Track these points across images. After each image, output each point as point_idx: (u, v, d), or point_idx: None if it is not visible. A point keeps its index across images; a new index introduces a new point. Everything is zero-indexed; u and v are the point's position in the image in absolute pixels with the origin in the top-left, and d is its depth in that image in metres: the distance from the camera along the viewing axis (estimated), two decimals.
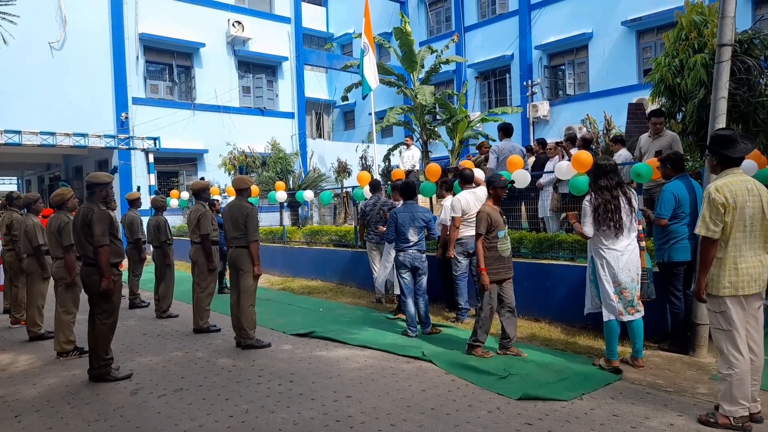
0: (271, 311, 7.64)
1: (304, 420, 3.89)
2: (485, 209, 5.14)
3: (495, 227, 5.04)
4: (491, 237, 5.05)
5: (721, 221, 3.49)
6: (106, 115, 16.64)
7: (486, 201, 5.28)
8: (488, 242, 5.06)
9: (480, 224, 5.05)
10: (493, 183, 5.21)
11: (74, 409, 4.27)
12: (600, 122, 11.73)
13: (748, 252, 3.49)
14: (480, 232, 5.05)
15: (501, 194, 5.22)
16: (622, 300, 4.62)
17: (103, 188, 5.02)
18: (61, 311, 5.85)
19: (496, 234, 5.05)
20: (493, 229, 5.03)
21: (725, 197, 3.48)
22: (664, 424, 3.63)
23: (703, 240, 3.58)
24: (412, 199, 6.27)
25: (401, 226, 6.05)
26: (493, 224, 5.03)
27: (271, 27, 20.53)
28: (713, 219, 3.49)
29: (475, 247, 5.11)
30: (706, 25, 7.64)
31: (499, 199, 5.23)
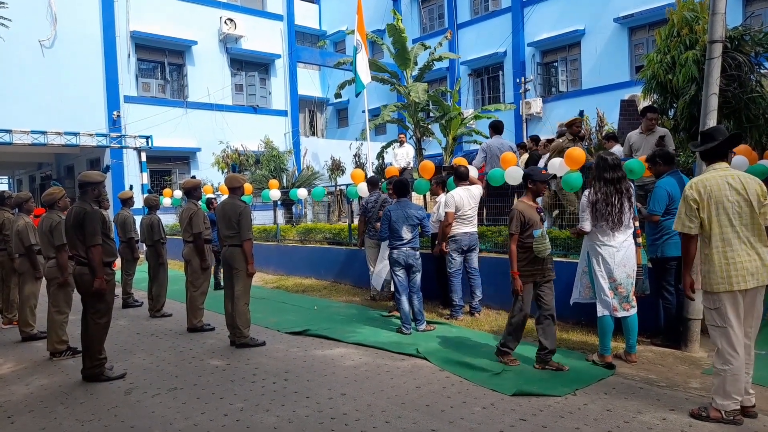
0: (266, 310, 7.63)
1: (299, 418, 3.89)
2: (518, 206, 4.73)
3: (530, 225, 4.63)
4: (525, 236, 4.64)
5: (695, 217, 3.55)
6: (97, 113, 16.53)
7: (523, 198, 4.84)
8: (522, 242, 4.66)
9: (512, 223, 4.63)
10: (533, 177, 4.75)
11: (68, 409, 4.25)
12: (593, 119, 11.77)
13: (740, 246, 3.49)
14: (512, 231, 4.63)
15: (541, 189, 4.83)
16: (618, 296, 4.64)
17: (96, 187, 4.99)
18: (54, 311, 5.81)
19: (531, 233, 4.63)
20: (528, 227, 4.62)
21: (698, 193, 3.54)
22: (656, 418, 3.65)
23: (682, 236, 3.67)
24: (406, 197, 6.27)
25: (395, 223, 6.06)
26: (527, 222, 4.62)
27: (264, 24, 20.45)
28: (688, 215, 3.57)
29: (509, 248, 4.67)
30: (697, 22, 7.68)
31: (537, 194, 4.85)
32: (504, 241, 7.20)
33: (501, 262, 6.95)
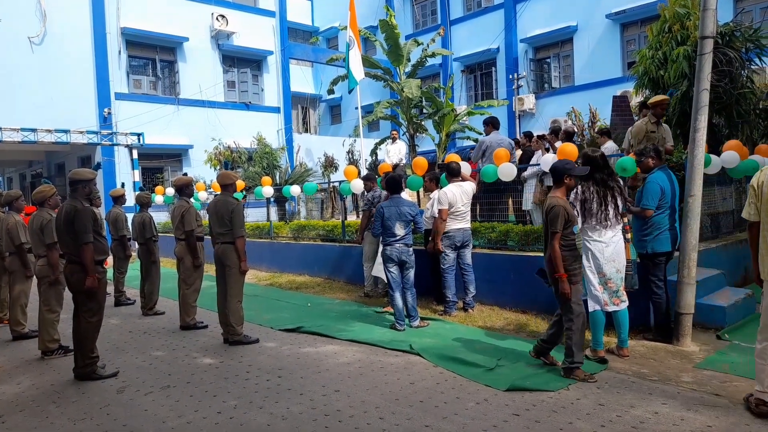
0: (259, 307, 7.61)
1: (293, 415, 3.89)
2: (560, 202, 4.34)
3: (571, 222, 4.37)
4: (568, 233, 4.34)
5: (753, 204, 3.65)
6: (88, 110, 16.38)
7: (555, 192, 4.49)
8: (566, 239, 4.33)
9: (557, 221, 4.26)
10: (570, 171, 4.43)
11: (59, 409, 4.22)
12: (585, 115, 11.80)
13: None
14: (557, 229, 4.26)
15: (573, 184, 4.52)
16: (607, 290, 4.67)
17: (86, 185, 4.95)
18: (45, 310, 5.78)
19: (572, 230, 4.39)
20: (569, 224, 4.34)
21: (756, 181, 3.64)
22: (649, 412, 3.67)
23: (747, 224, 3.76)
24: (398, 193, 6.26)
25: (387, 220, 6.05)
26: (570, 218, 4.34)
27: (256, 21, 20.33)
28: (749, 201, 3.67)
29: (552, 248, 4.30)
30: (688, 18, 7.72)
31: (571, 189, 4.54)
32: (498, 237, 7.21)
33: (494, 258, 6.97)
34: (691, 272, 5.09)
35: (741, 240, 7.57)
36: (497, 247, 7.19)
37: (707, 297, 5.69)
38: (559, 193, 4.43)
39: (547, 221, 4.33)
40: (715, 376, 4.29)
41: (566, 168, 4.46)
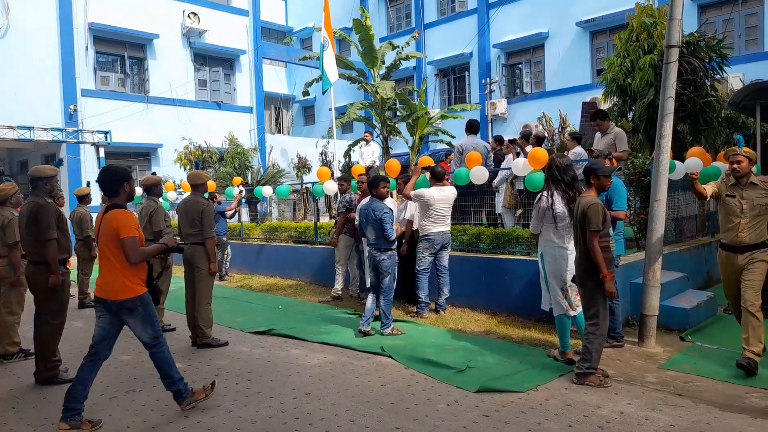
0: (229, 309, 7.50)
1: (262, 418, 3.84)
2: (597, 200, 4.27)
3: (607, 223, 4.27)
4: (603, 234, 4.24)
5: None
6: (53, 107, 15.91)
7: (588, 192, 4.41)
8: (601, 241, 4.22)
9: (597, 218, 4.15)
10: (597, 172, 4.37)
11: (18, 414, 4.08)
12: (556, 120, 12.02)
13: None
14: (597, 228, 4.15)
15: (606, 184, 4.43)
16: (568, 298, 4.74)
17: (48, 182, 4.81)
18: (5, 312, 5.57)
19: (607, 231, 4.30)
20: (605, 225, 4.25)
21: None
22: (614, 412, 3.75)
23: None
24: (373, 195, 6.02)
25: (361, 223, 5.95)
26: (606, 219, 4.25)
27: (229, 19, 20.08)
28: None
29: (592, 247, 4.16)
30: (655, 27, 7.93)
31: (602, 189, 4.46)
32: (469, 240, 7.27)
33: (466, 261, 7.02)
34: (656, 275, 5.21)
35: (704, 244, 7.81)
36: (469, 250, 7.25)
37: (671, 299, 5.84)
38: (591, 193, 4.38)
39: (584, 221, 4.21)
40: (678, 377, 4.41)
41: (592, 168, 4.44)
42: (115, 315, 3.87)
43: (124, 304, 3.82)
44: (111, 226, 3.78)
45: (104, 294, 3.85)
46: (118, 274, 3.80)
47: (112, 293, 3.82)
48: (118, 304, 3.83)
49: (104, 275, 3.86)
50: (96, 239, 4.01)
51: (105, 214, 3.87)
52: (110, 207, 3.90)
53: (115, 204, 3.91)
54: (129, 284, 3.81)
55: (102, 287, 3.86)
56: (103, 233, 3.84)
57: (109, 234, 3.79)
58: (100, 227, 3.89)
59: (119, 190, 3.93)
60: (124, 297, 3.80)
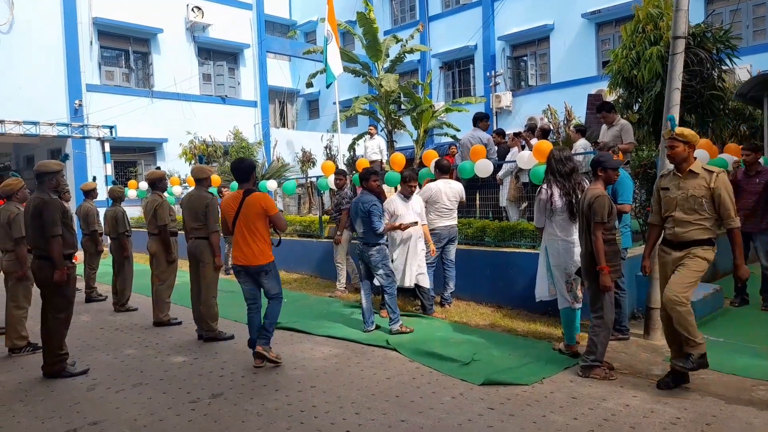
0: (234, 303, 7.48)
1: (268, 411, 3.86)
2: (603, 193, 4.24)
3: (613, 215, 4.25)
4: (609, 227, 4.22)
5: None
6: (58, 102, 15.97)
7: (595, 184, 4.37)
8: (606, 234, 4.20)
9: (602, 210, 4.13)
10: (604, 164, 4.32)
11: (27, 407, 4.12)
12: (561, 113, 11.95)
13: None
14: (601, 220, 4.13)
15: (613, 176, 4.38)
16: (573, 291, 4.73)
17: (53, 177, 4.82)
18: (12, 306, 5.62)
19: (613, 224, 4.28)
20: (611, 217, 4.22)
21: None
22: (620, 405, 3.74)
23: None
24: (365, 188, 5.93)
25: (352, 215, 5.83)
26: (612, 211, 4.22)
27: (232, 13, 20.05)
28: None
29: (595, 238, 4.15)
30: (661, 18, 7.85)
31: (609, 182, 4.41)
32: (474, 234, 7.25)
33: (471, 254, 7.01)
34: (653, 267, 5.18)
35: None
36: (474, 243, 7.24)
37: None
38: (598, 185, 4.33)
39: (590, 212, 4.19)
40: None
41: (599, 161, 4.38)
42: (252, 277, 4.88)
43: (263, 267, 4.82)
44: (259, 204, 4.71)
45: (246, 261, 4.78)
46: (261, 244, 4.76)
47: (254, 260, 4.77)
48: (258, 268, 4.81)
49: (247, 246, 4.76)
50: (235, 218, 4.80)
51: (245, 197, 4.75)
52: (248, 191, 4.79)
53: (250, 189, 4.81)
54: (267, 252, 4.82)
55: (245, 256, 4.77)
56: (249, 212, 4.72)
57: (256, 212, 4.72)
58: (241, 207, 4.73)
59: (250, 177, 4.88)
60: (265, 262, 4.79)
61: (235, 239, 4.84)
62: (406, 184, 6.08)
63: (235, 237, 4.84)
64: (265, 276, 4.86)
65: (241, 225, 4.75)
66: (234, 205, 4.82)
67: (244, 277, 4.90)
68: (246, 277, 4.89)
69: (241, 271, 4.87)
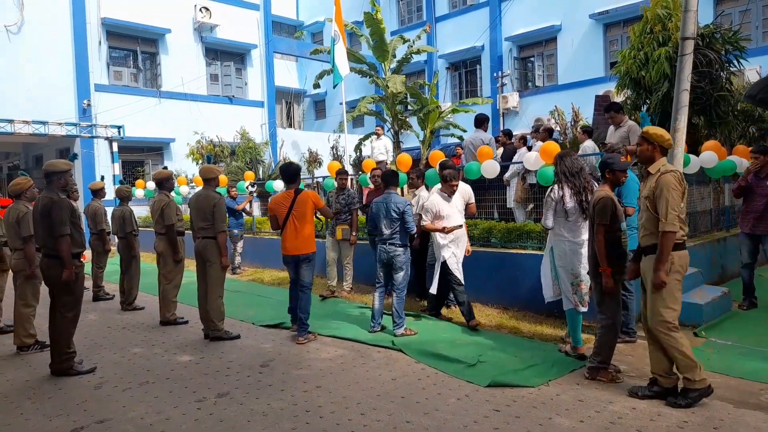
0: (241, 303, 7.55)
1: (273, 411, 3.87)
2: (609, 194, 4.21)
3: (619, 217, 4.23)
4: (615, 228, 4.19)
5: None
6: (67, 102, 16.07)
7: (602, 186, 4.35)
8: (612, 235, 4.17)
9: (604, 213, 4.12)
10: (612, 166, 4.30)
11: (35, 404, 4.14)
12: (568, 114, 11.90)
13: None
14: (604, 222, 4.12)
15: (621, 178, 4.34)
16: (578, 293, 4.71)
17: (62, 176, 4.84)
18: (21, 304, 5.66)
19: (619, 225, 4.25)
20: (617, 219, 4.20)
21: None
22: (626, 408, 3.73)
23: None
24: (393, 188, 5.91)
25: (375, 217, 5.76)
26: (618, 213, 4.22)
27: (240, 14, 20.12)
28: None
29: (597, 240, 4.17)
30: (670, 19, 7.81)
31: (617, 184, 4.39)
32: (481, 235, 7.24)
33: (477, 255, 6.96)
34: None
35: (718, 239, 7.72)
36: (480, 245, 7.22)
37: (685, 295, 5.76)
38: (605, 187, 4.31)
39: (594, 214, 4.21)
40: None
41: (607, 162, 4.36)
42: (295, 264, 5.64)
43: (308, 256, 5.60)
44: (309, 201, 5.54)
45: (296, 251, 5.55)
46: (309, 234, 5.58)
47: (303, 249, 5.55)
48: (304, 256, 5.58)
49: (298, 238, 5.51)
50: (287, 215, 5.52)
51: (297, 195, 5.53)
52: (298, 190, 5.58)
53: (298, 189, 5.61)
54: (313, 241, 5.61)
55: (295, 247, 5.53)
56: (301, 207, 5.51)
57: (309, 207, 5.53)
58: (294, 205, 5.50)
59: (297, 179, 5.68)
60: (310, 251, 5.61)
61: (286, 233, 5.54)
62: (447, 183, 5.83)
63: (287, 231, 5.54)
64: (306, 264, 5.61)
65: (293, 219, 5.51)
66: (286, 203, 5.55)
67: (291, 265, 5.71)
68: (292, 265, 5.71)
69: (290, 261, 5.67)
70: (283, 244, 5.62)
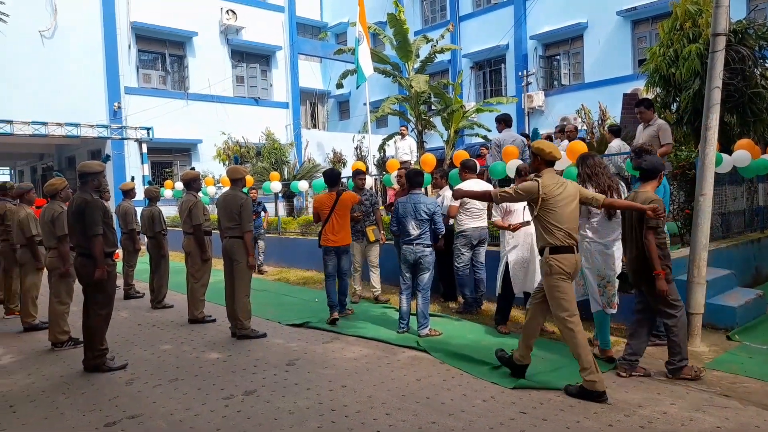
0: (267, 301, 7.64)
1: (299, 409, 3.90)
2: (658, 197, 4.24)
3: (662, 221, 4.21)
4: (660, 231, 4.21)
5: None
6: (98, 104, 16.49)
7: (644, 187, 4.33)
8: (658, 237, 4.20)
9: (657, 216, 4.10)
10: (663, 169, 4.37)
11: (69, 399, 4.26)
12: (595, 112, 11.73)
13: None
14: (657, 225, 4.12)
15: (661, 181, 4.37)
16: (605, 294, 4.63)
17: (95, 177, 4.97)
18: (55, 302, 5.83)
19: (663, 228, 4.28)
20: (662, 222, 4.19)
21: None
22: (657, 412, 3.66)
23: None
24: (418, 189, 5.88)
25: (402, 217, 5.69)
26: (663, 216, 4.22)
27: (265, 16, 20.35)
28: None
29: (648, 243, 4.12)
30: (700, 15, 7.64)
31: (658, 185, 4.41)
32: None
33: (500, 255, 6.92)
34: (701, 272, 5.05)
35: (752, 240, 7.52)
36: None
37: (717, 297, 5.65)
38: (648, 187, 4.31)
39: (642, 217, 4.14)
40: (724, 377, 4.27)
41: (659, 167, 4.36)
42: (338, 255, 6.36)
43: (347, 248, 6.46)
44: (351, 200, 6.38)
45: (338, 243, 6.29)
46: (348, 228, 6.43)
47: (343, 241, 6.34)
48: (345, 247, 6.38)
49: (339, 232, 6.29)
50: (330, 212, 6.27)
51: (339, 196, 6.27)
52: (339, 191, 6.33)
53: (340, 190, 6.37)
54: (350, 236, 6.50)
55: (337, 240, 6.28)
56: (343, 206, 6.29)
57: (348, 207, 6.35)
58: (336, 203, 6.25)
59: (338, 182, 6.56)
60: (349, 243, 6.47)
61: (329, 227, 6.27)
62: (521, 178, 5.46)
63: (329, 225, 6.27)
64: (345, 255, 6.44)
65: (335, 216, 6.25)
66: (329, 202, 6.29)
67: (332, 255, 6.33)
68: (333, 255, 6.33)
69: (332, 251, 6.32)
70: (326, 236, 6.31)
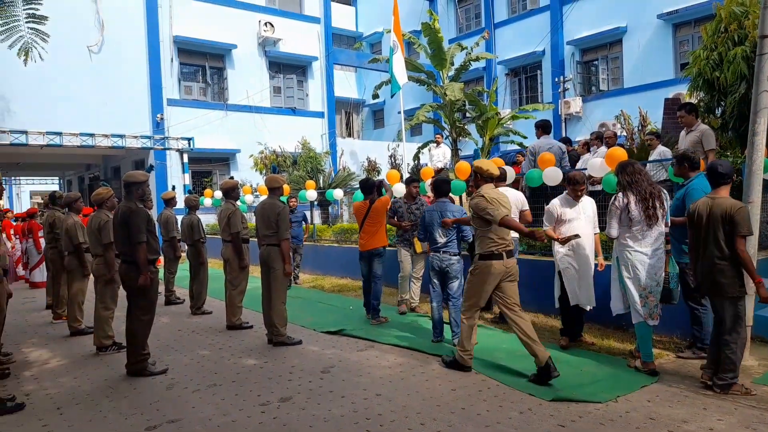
0: (302, 309, 7.71)
1: (335, 417, 3.92)
2: (742, 203, 4.19)
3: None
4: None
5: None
6: (142, 116, 17.07)
7: (717, 192, 4.21)
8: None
9: (747, 223, 3.99)
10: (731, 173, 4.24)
11: (112, 403, 4.40)
12: (635, 118, 11.45)
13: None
14: (749, 233, 4.01)
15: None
16: (647, 306, 4.50)
17: (140, 187, 5.14)
18: (101, 307, 6.03)
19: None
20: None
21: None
22: (703, 428, 3.52)
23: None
24: (444, 197, 5.94)
25: (429, 225, 5.71)
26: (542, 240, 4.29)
27: (301, 27, 20.71)
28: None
29: (741, 252, 3.97)
30: (746, 17, 7.37)
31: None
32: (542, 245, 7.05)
33: (536, 264, 6.83)
34: (750, 282, 4.84)
35: None
36: (542, 254, 7.05)
37: (766, 309, 5.41)
38: (724, 193, 4.16)
39: (731, 224, 3.98)
40: None
41: (729, 173, 4.21)
42: (369, 259, 6.74)
43: (379, 250, 6.73)
44: (383, 207, 6.69)
45: (368, 247, 6.69)
46: (381, 232, 6.73)
47: (371, 245, 6.67)
48: (375, 251, 6.70)
49: (370, 236, 6.68)
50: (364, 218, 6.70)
51: (372, 204, 6.65)
52: (373, 200, 6.69)
53: (373, 198, 6.72)
54: (384, 238, 6.80)
55: (367, 244, 6.69)
56: (376, 212, 6.67)
57: (381, 213, 6.71)
58: (370, 210, 6.67)
59: (373, 190, 6.80)
60: (381, 245, 6.75)
61: (362, 232, 6.73)
62: (571, 187, 5.36)
63: (362, 231, 6.73)
64: (378, 258, 6.70)
65: (369, 222, 6.64)
66: (363, 210, 6.77)
67: (365, 259, 6.76)
68: (366, 259, 6.76)
69: (365, 255, 6.75)
70: (359, 241, 6.78)
